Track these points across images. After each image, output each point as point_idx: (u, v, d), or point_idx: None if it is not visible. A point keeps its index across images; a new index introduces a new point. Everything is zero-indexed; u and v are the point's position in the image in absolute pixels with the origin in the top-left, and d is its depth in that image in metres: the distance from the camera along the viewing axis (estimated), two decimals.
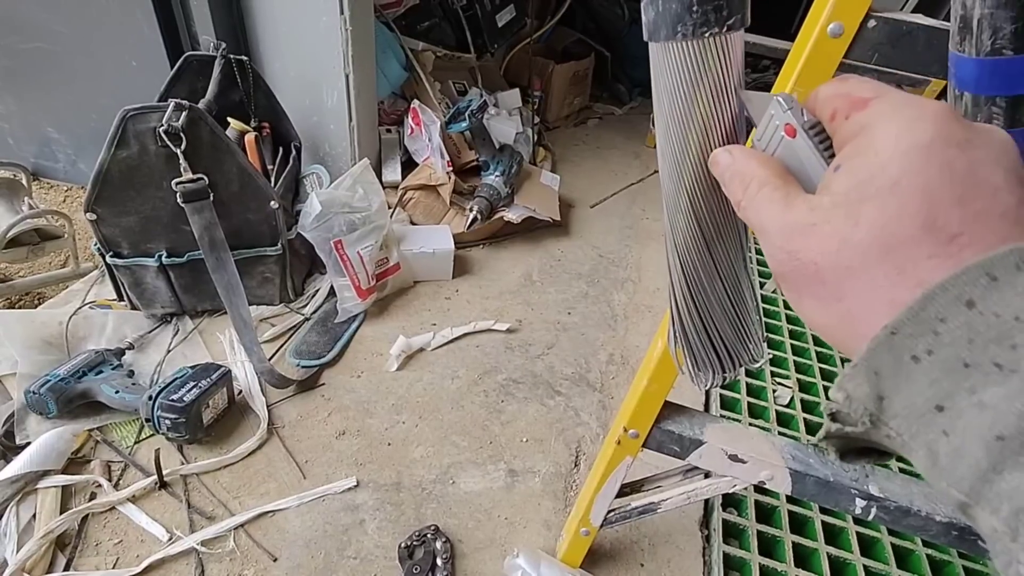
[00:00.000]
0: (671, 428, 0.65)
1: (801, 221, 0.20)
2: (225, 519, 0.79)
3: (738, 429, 0.66)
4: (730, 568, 0.86)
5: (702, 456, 0.65)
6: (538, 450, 0.96)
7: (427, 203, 1.38)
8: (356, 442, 0.93)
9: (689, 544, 0.87)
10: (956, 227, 0.17)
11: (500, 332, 1.19)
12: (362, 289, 1.13)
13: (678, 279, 0.34)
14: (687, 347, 0.36)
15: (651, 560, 0.84)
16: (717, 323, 0.35)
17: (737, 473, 0.65)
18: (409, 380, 1.06)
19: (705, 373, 0.36)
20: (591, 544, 0.77)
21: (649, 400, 0.63)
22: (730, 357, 0.35)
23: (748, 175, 0.23)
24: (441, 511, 0.85)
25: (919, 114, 0.18)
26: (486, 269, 1.38)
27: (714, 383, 0.36)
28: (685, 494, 0.70)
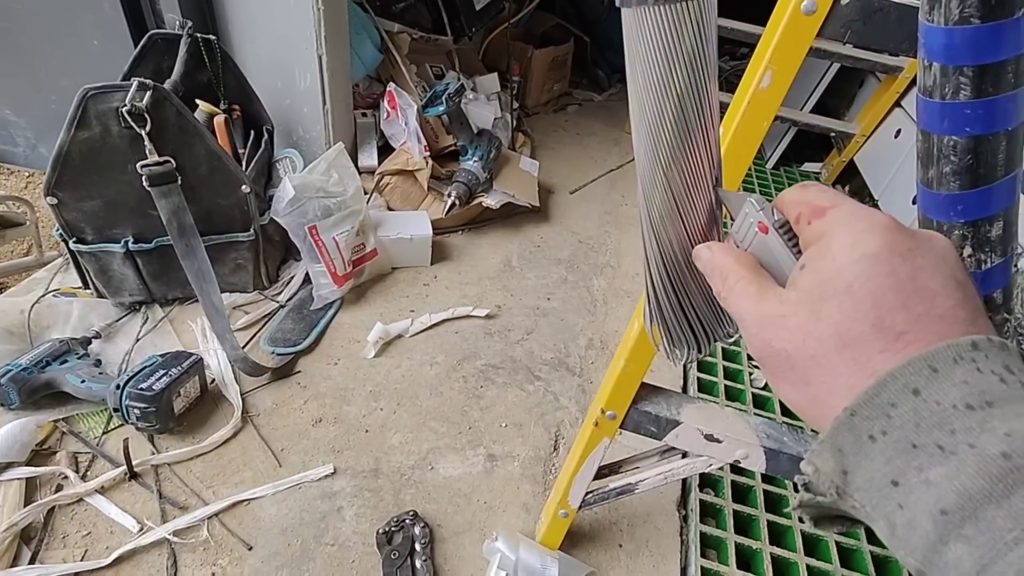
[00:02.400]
0: (648, 409, 0.65)
1: (772, 312, 0.23)
2: (198, 508, 0.78)
3: (714, 409, 0.67)
4: (707, 546, 0.87)
5: (679, 436, 0.66)
6: (517, 435, 0.96)
7: (404, 188, 1.36)
8: (333, 429, 0.92)
9: (667, 524, 0.88)
10: (902, 327, 0.20)
11: (479, 318, 1.18)
12: (338, 275, 1.11)
13: (654, 256, 0.34)
14: (663, 324, 0.35)
15: (630, 540, 0.85)
16: (693, 300, 0.35)
17: (713, 452, 0.66)
18: (387, 367, 1.05)
19: (680, 349, 0.36)
20: (570, 526, 0.78)
21: (626, 381, 0.63)
22: (705, 333, 0.35)
23: (726, 269, 0.27)
24: (420, 497, 0.85)
25: (869, 226, 0.22)
26: (465, 255, 1.37)
27: (689, 359, 0.36)
28: (662, 474, 0.71)
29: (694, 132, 0.30)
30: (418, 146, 1.32)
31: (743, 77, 0.49)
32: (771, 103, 0.47)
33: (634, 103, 0.30)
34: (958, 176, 0.31)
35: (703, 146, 0.31)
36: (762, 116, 0.47)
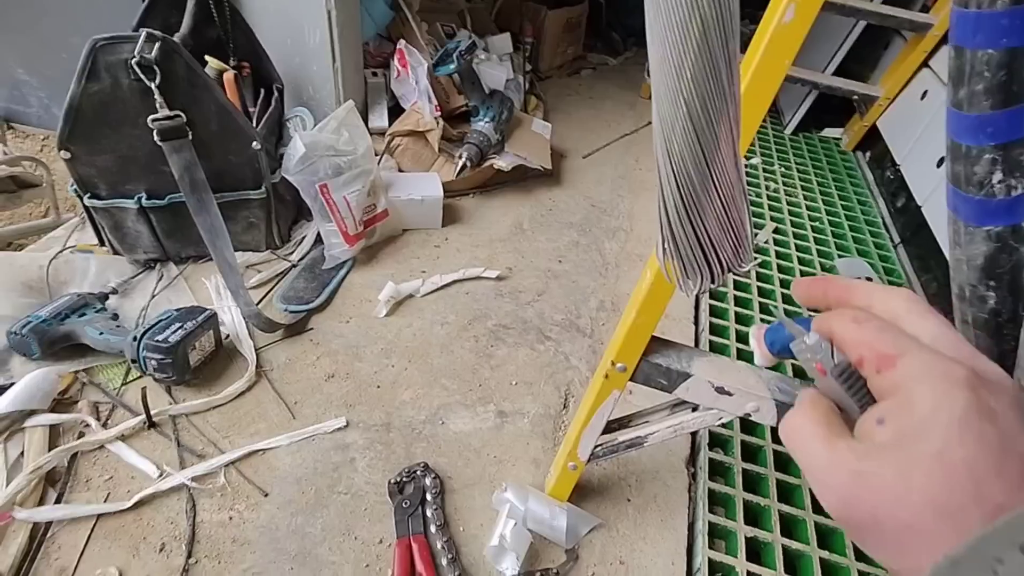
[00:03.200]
0: (659, 361, 0.65)
1: (848, 466, 0.23)
2: (215, 456, 0.80)
3: (725, 362, 0.66)
4: (715, 503, 0.88)
5: (689, 389, 0.66)
6: (527, 393, 0.97)
7: (415, 150, 1.35)
8: (345, 385, 0.93)
9: (676, 481, 0.89)
10: (1001, 497, 0.20)
11: (490, 279, 1.18)
12: (349, 235, 1.11)
13: (671, 186, 0.33)
14: (676, 253, 0.35)
15: (638, 495, 0.86)
16: (708, 228, 0.34)
17: (723, 406, 0.66)
18: (398, 326, 1.05)
19: (694, 278, 0.35)
20: (579, 480, 0.79)
21: (637, 333, 0.63)
22: (719, 261, 0.35)
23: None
24: (431, 450, 0.86)
25: (949, 384, 0.21)
26: (476, 218, 1.36)
27: (702, 288, 0.36)
28: (671, 427, 0.71)
29: (717, 58, 0.29)
30: (429, 106, 1.30)
31: (765, 12, 0.48)
32: (794, 39, 0.45)
33: (655, 35, 0.29)
34: (990, 94, 0.30)
35: (725, 71, 0.30)
36: (784, 53, 0.45)
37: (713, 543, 0.83)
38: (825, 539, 0.85)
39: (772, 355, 0.31)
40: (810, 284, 0.29)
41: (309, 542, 0.73)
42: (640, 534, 0.81)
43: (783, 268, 1.33)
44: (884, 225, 1.56)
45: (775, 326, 0.30)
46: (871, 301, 0.26)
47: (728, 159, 0.32)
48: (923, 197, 1.42)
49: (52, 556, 0.68)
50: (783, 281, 1.29)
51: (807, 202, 1.59)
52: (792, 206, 1.56)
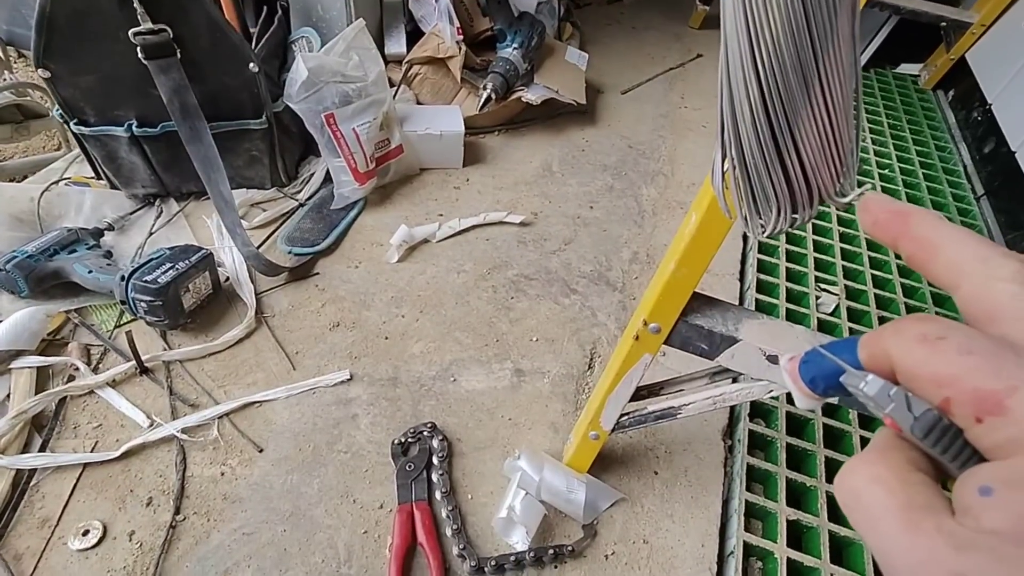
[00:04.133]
0: (700, 323, 0.55)
1: (940, 562, 0.15)
2: (209, 407, 0.74)
3: (780, 326, 0.55)
4: (753, 480, 0.79)
5: (734, 356, 0.55)
6: (549, 350, 0.88)
7: (435, 80, 1.22)
8: (351, 335, 0.86)
9: (710, 454, 0.80)
10: None
11: (513, 225, 1.08)
12: (360, 172, 1.02)
13: (750, 74, 0.22)
14: (746, 177, 0.24)
15: (666, 468, 0.77)
16: (802, 141, 0.23)
17: (775, 377, 0.56)
18: (411, 272, 0.97)
19: (767, 213, 0.25)
20: (601, 449, 0.71)
21: (676, 288, 0.53)
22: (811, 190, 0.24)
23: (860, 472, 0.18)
24: (440, 409, 0.79)
25: None
26: (500, 157, 1.25)
27: (778, 227, 0.25)
28: (711, 399, 0.62)
29: None
30: (450, 28, 1.17)
31: None
32: None
33: None
34: None
35: None
36: None
37: (750, 524, 0.74)
38: None
39: (816, 395, 0.22)
40: (889, 217, 0.21)
41: (304, 503, 0.68)
42: (667, 511, 0.73)
43: (843, 221, 1.18)
44: (966, 175, 1.37)
45: (812, 354, 0.22)
46: (958, 275, 0.18)
47: (846, 40, 0.21)
48: (1019, 141, 1.22)
49: (36, 505, 0.64)
50: (843, 235, 1.15)
51: (876, 147, 1.40)
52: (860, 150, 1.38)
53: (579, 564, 0.66)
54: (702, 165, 1.30)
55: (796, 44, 0.21)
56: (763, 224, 0.25)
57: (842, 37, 0.21)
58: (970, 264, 0.18)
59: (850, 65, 0.22)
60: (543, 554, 0.65)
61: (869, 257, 1.11)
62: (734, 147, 0.23)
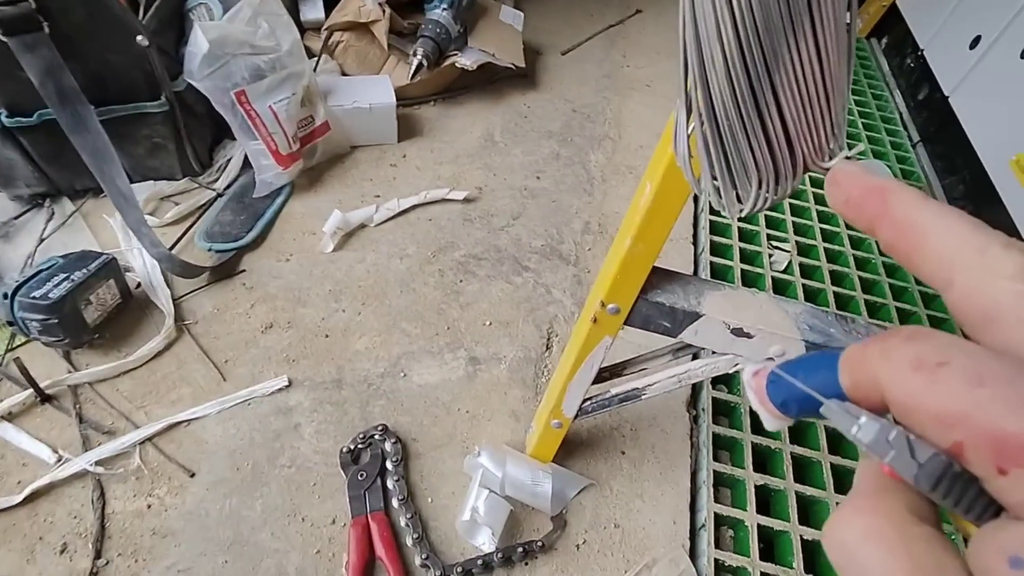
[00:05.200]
0: (661, 300, 0.51)
1: None
2: (128, 433, 0.67)
3: (743, 296, 0.53)
4: (720, 448, 0.78)
5: (698, 332, 0.52)
6: (503, 334, 0.84)
7: (360, 48, 1.12)
8: (287, 336, 0.79)
9: (675, 426, 0.78)
10: None
11: (457, 202, 1.01)
12: (282, 155, 0.92)
13: (720, 9, 0.17)
14: (718, 138, 0.20)
15: (633, 446, 0.75)
16: (788, 88, 0.18)
17: (741, 350, 0.53)
18: (349, 262, 0.90)
19: (745, 186, 0.20)
20: (566, 434, 0.67)
21: (633, 265, 0.49)
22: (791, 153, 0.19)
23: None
24: (391, 408, 0.74)
25: None
26: (438, 129, 1.17)
27: (759, 204, 0.21)
28: (676, 377, 0.59)
29: None
30: None
31: None
32: None
33: None
34: None
35: None
36: None
37: (719, 494, 0.73)
38: (842, 481, 0.76)
39: (789, 417, 0.18)
40: (864, 195, 0.17)
41: (246, 528, 0.62)
42: (636, 491, 0.71)
43: None
44: (902, 122, 1.39)
45: (785, 369, 0.18)
46: (950, 269, 0.15)
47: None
48: (951, 86, 1.24)
49: None
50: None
51: None
52: None
53: (550, 558, 0.64)
54: (650, 126, 1.26)
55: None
56: (740, 199, 0.20)
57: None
58: (964, 256, 0.14)
59: (842, 8, 0.17)
60: (512, 553, 0.62)
61: (817, 211, 1.10)
62: (703, 101, 0.19)
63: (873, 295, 0.97)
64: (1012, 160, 1.00)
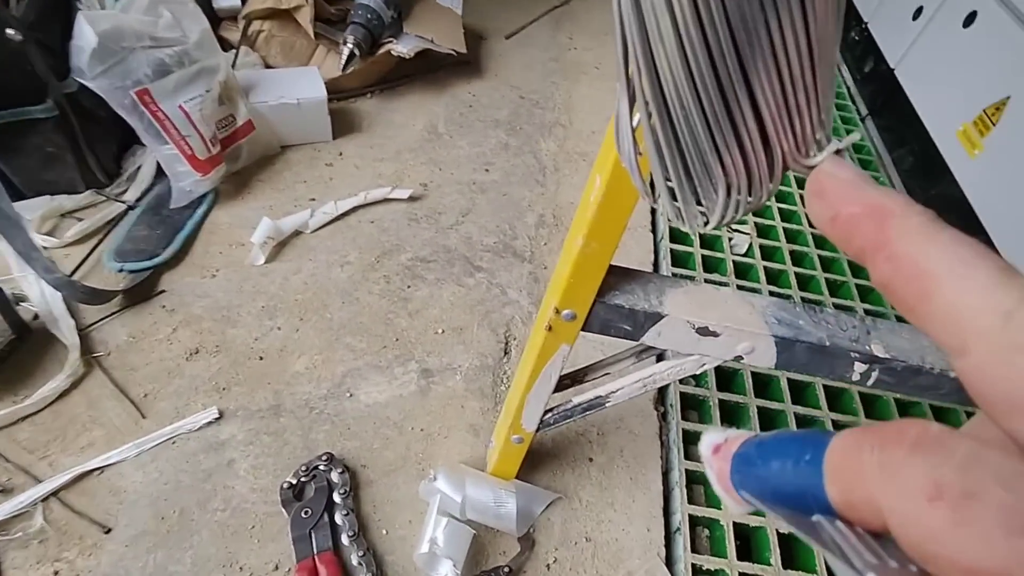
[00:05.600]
0: (619, 302, 0.47)
1: None
2: (28, 489, 0.58)
3: (707, 293, 0.49)
4: (691, 444, 0.75)
5: (662, 334, 0.49)
6: (457, 341, 0.78)
7: (284, 37, 1.03)
8: (215, 361, 0.72)
9: (644, 426, 0.75)
10: None
11: (400, 201, 0.95)
12: (200, 160, 0.84)
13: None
14: (672, 134, 0.15)
15: (601, 452, 0.71)
16: (767, 76, 0.14)
17: (707, 350, 0.49)
18: (283, 273, 0.82)
19: (709, 193, 0.15)
20: (528, 447, 0.63)
21: (588, 266, 0.44)
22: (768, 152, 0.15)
23: None
24: (337, 434, 0.67)
25: None
26: (378, 123, 1.09)
27: (727, 215, 0.16)
28: (640, 382, 0.55)
29: None
30: None
31: None
32: None
33: None
34: None
35: None
36: None
37: (692, 493, 0.70)
38: None
39: (764, 507, 0.14)
40: (857, 219, 0.14)
41: None
42: (607, 499, 0.67)
43: None
44: (849, 95, 1.39)
45: (753, 451, 0.15)
46: (964, 334, 0.11)
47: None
48: (896, 58, 1.24)
49: None
50: None
51: None
52: None
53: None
54: (602, 110, 1.22)
55: None
56: (704, 212, 0.16)
57: None
58: (985, 319, 0.11)
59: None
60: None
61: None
62: (648, 86, 0.14)
63: (832, 273, 0.96)
64: (959, 130, 1.01)
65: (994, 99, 0.95)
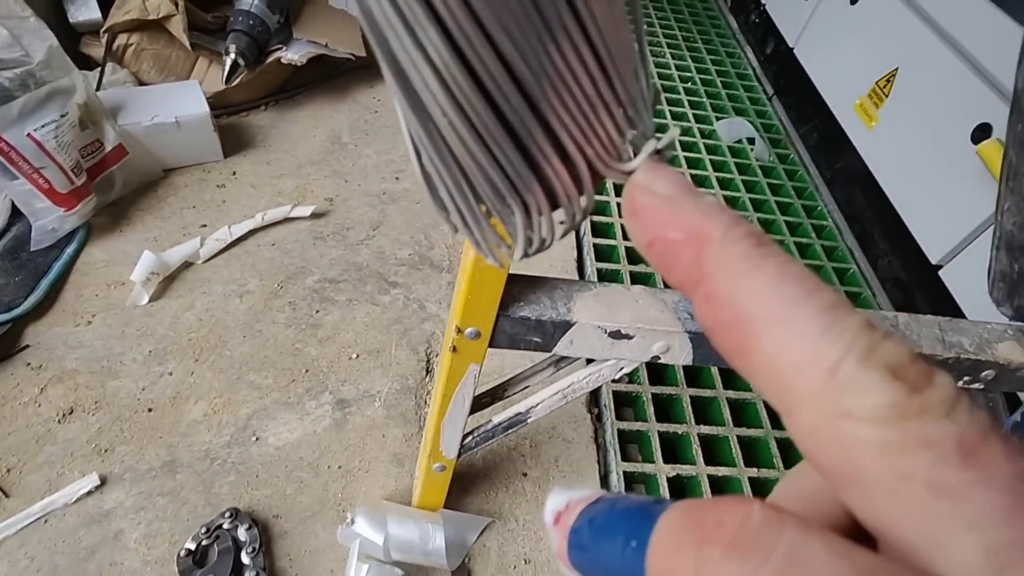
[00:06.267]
0: (525, 314, 0.45)
1: None
2: None
3: (616, 293, 0.47)
4: (627, 442, 0.74)
5: (574, 342, 0.47)
6: (374, 365, 0.74)
7: (156, 50, 0.95)
8: (95, 420, 0.64)
9: (578, 431, 0.73)
10: None
11: (303, 219, 0.89)
12: (61, 194, 0.75)
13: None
14: (445, 161, 0.12)
15: (535, 465, 0.69)
16: (549, 80, 0.11)
17: (623, 353, 0.48)
18: (173, 311, 0.75)
19: (507, 216, 0.13)
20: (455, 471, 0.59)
21: (484, 279, 0.41)
22: (567, 163, 0.12)
23: None
24: (243, 484, 0.62)
25: None
26: (274, 137, 1.03)
27: (535, 242, 0.13)
28: (560, 393, 0.53)
29: None
30: None
31: None
32: None
33: None
34: None
35: None
36: None
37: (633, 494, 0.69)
38: (749, 453, 0.75)
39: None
40: (669, 246, 0.11)
41: None
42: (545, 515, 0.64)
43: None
44: (755, 76, 1.43)
45: (588, 522, 0.13)
46: (788, 395, 0.10)
47: None
48: (794, 37, 1.29)
49: None
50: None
51: (676, 62, 1.41)
52: (661, 67, 1.38)
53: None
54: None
55: None
56: (520, 243, 0.13)
57: None
58: (809, 377, 0.09)
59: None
60: None
61: (689, 175, 1.10)
62: (403, 101, 0.11)
63: None
64: (856, 104, 1.05)
65: (884, 72, 0.99)
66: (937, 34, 0.88)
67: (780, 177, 1.15)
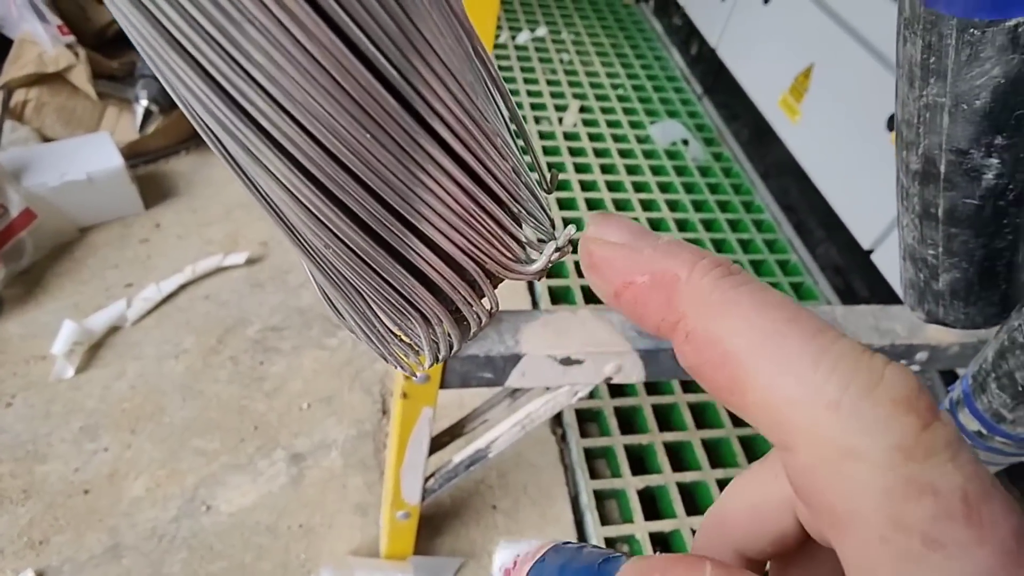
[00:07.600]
0: (473, 351, 0.46)
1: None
2: None
3: (563, 319, 0.49)
4: (594, 458, 0.75)
5: (525, 373, 0.48)
6: (328, 413, 0.73)
7: (59, 103, 0.91)
8: (24, 511, 0.60)
9: (544, 455, 0.74)
10: None
11: (238, 267, 0.87)
12: None
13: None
14: (334, 284, 0.12)
15: (504, 495, 0.69)
16: (440, 222, 0.12)
17: (576, 378, 0.49)
18: (102, 382, 0.72)
19: (411, 330, 0.13)
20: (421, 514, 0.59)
21: None
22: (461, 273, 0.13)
23: None
24: (197, 559, 0.59)
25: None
26: (199, 183, 1.00)
27: (443, 349, 0.14)
28: (519, 425, 0.54)
29: None
30: (47, 29, 0.87)
31: None
32: None
33: None
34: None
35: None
36: None
37: (604, 511, 0.71)
38: (715, 456, 0.78)
39: None
40: (639, 291, 0.11)
41: None
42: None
43: (599, 152, 1.20)
44: (684, 78, 1.50)
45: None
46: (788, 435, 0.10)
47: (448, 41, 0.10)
48: (715, 38, 1.35)
49: None
50: (603, 167, 1.16)
51: (606, 69, 1.46)
52: (591, 75, 1.42)
53: None
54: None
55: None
56: (430, 354, 0.14)
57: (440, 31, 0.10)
58: (807, 413, 0.09)
59: (460, 39, 0.11)
60: None
61: (632, 183, 1.13)
62: (276, 226, 0.11)
63: None
64: (779, 100, 1.11)
65: (801, 68, 1.05)
66: (845, 30, 0.95)
67: (717, 175, 1.20)
